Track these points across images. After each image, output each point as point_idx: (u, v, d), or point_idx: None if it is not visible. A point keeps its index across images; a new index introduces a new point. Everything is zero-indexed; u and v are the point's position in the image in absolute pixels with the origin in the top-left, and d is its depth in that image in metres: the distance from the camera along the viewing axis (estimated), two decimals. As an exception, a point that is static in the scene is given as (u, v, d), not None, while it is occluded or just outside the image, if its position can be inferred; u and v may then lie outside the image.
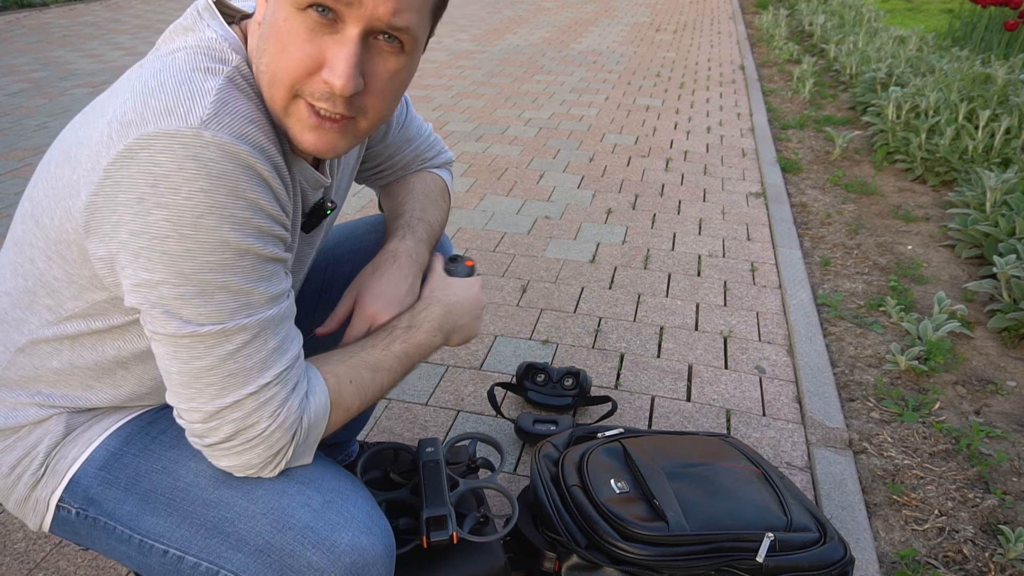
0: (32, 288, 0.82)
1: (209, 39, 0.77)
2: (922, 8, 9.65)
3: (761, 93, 5.31)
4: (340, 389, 0.85)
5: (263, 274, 0.75)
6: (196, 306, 0.71)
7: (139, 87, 0.72)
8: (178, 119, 0.69)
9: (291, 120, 0.76)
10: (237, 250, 0.71)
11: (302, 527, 0.80)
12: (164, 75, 0.72)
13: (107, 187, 0.70)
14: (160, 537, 0.83)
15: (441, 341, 1.00)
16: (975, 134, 3.51)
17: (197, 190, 0.68)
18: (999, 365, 2.13)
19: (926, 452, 1.75)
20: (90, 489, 0.86)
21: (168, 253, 0.69)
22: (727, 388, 1.94)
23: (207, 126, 0.69)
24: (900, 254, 2.82)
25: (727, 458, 1.31)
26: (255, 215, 0.72)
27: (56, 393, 0.87)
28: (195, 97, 0.70)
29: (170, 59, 0.75)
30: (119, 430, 0.89)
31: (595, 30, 8.13)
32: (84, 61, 5.68)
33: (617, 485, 1.20)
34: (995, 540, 1.51)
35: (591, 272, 2.54)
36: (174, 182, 0.68)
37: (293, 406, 0.78)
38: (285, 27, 0.72)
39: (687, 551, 1.11)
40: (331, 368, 0.86)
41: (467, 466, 1.21)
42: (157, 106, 0.69)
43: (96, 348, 0.83)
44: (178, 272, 0.70)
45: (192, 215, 0.68)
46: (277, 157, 0.76)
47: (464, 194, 3.23)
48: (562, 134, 4.19)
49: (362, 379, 0.88)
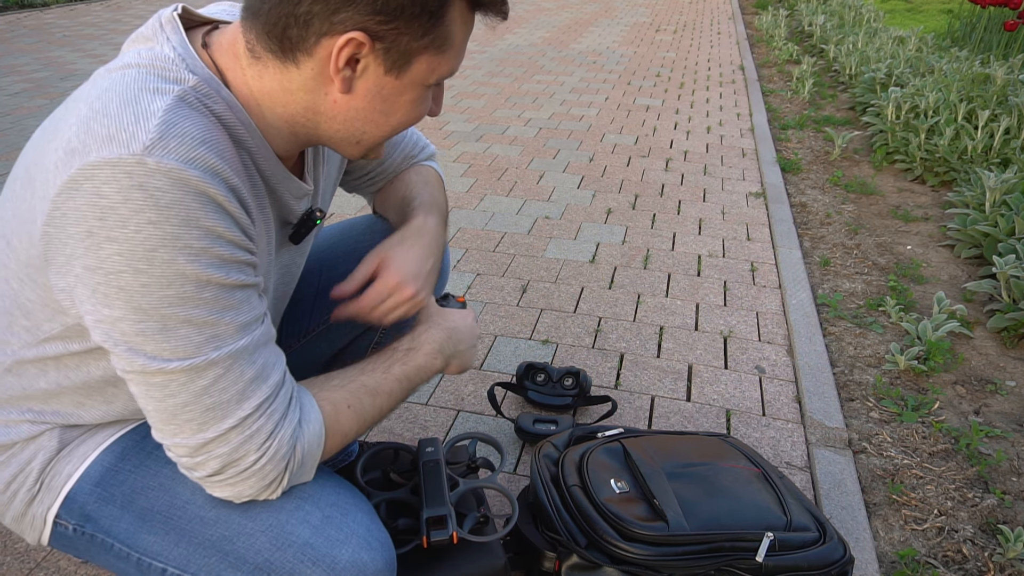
0: (9, 309, 0.79)
1: (164, 57, 0.73)
2: (922, 8, 9.65)
3: (761, 93, 5.31)
4: (337, 415, 0.84)
5: (229, 303, 0.71)
6: (159, 342, 0.68)
7: (84, 111, 0.69)
8: (119, 146, 0.65)
9: (379, 148, 0.87)
10: (197, 282, 0.68)
11: (301, 544, 0.80)
12: (108, 97, 0.69)
13: (56, 219, 0.67)
14: (159, 556, 0.82)
15: (441, 365, 0.99)
16: (974, 134, 3.51)
17: (146, 222, 0.65)
18: (998, 365, 2.13)
19: (926, 452, 1.75)
20: (86, 506, 0.85)
21: (124, 289, 0.66)
22: (727, 388, 1.94)
23: (151, 152, 0.65)
24: (900, 254, 2.82)
25: (727, 458, 1.31)
26: (213, 244, 0.69)
27: (48, 410, 0.85)
28: (139, 120, 0.67)
29: (119, 77, 0.71)
30: (114, 444, 0.88)
31: (595, 30, 8.13)
32: (85, 61, 5.68)
33: (617, 485, 1.20)
34: (994, 540, 1.51)
35: (591, 272, 2.55)
36: (121, 215, 0.65)
37: (284, 437, 0.76)
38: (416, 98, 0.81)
39: (687, 551, 1.11)
40: (328, 394, 0.84)
41: (467, 466, 1.21)
42: (99, 132, 0.66)
43: (81, 368, 0.81)
44: (136, 308, 0.67)
45: (144, 249, 0.65)
46: (234, 179, 0.72)
47: (464, 194, 3.23)
48: (562, 134, 4.19)
49: (361, 404, 0.87)
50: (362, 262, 1.00)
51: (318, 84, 0.76)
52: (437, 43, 0.77)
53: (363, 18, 0.71)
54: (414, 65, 0.77)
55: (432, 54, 0.77)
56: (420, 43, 0.75)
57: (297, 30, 0.72)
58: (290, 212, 0.90)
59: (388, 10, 0.71)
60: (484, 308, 2.28)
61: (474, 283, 2.44)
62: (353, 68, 0.75)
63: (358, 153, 0.86)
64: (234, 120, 0.76)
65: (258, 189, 0.82)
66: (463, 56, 0.83)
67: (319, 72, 0.75)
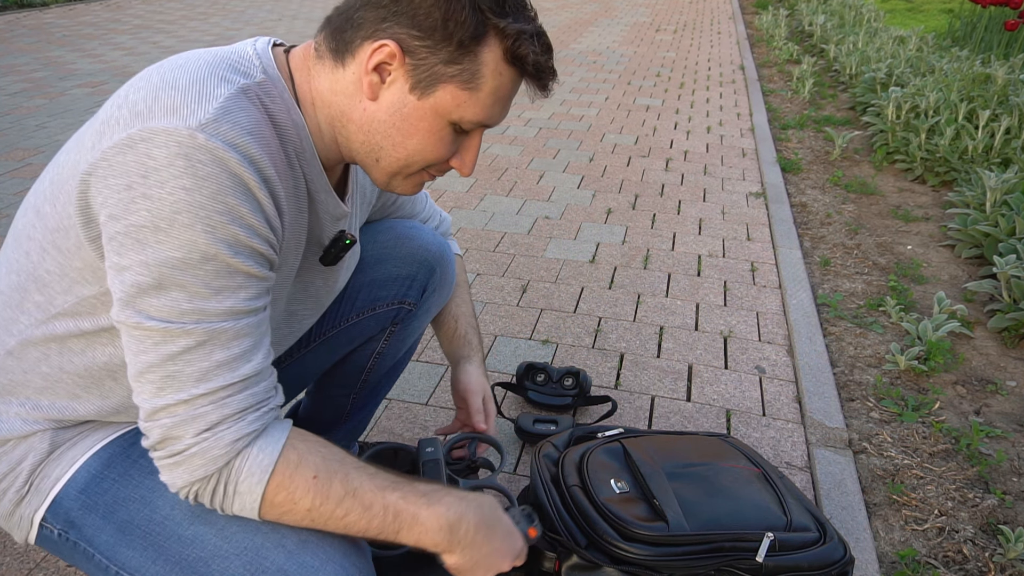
0: (24, 284, 0.82)
1: (242, 53, 0.81)
2: (922, 8, 9.65)
3: (761, 93, 5.31)
4: (295, 471, 0.76)
5: (226, 284, 0.73)
6: (150, 297, 0.72)
7: (156, 80, 0.75)
8: (179, 118, 0.71)
9: (405, 181, 0.89)
10: (204, 253, 0.71)
11: (275, 570, 0.79)
12: (180, 73, 0.76)
13: (102, 167, 0.72)
14: (136, 572, 0.82)
15: (438, 542, 0.83)
16: (975, 134, 3.51)
17: (180, 187, 0.70)
18: (999, 365, 2.13)
19: (926, 452, 1.75)
20: (71, 512, 0.85)
21: (140, 241, 0.71)
22: (727, 388, 1.94)
23: (203, 129, 0.71)
24: (900, 254, 2.82)
25: (727, 458, 1.31)
26: (232, 222, 0.72)
27: (43, 402, 0.86)
28: (202, 100, 0.73)
29: (194, 57, 0.79)
30: (101, 450, 0.88)
31: (595, 30, 8.13)
32: (84, 61, 5.68)
33: (617, 485, 1.20)
34: (995, 540, 1.51)
35: (591, 272, 2.54)
36: (162, 176, 0.70)
37: (225, 438, 0.74)
38: (434, 128, 0.83)
39: (687, 551, 1.11)
40: (302, 448, 0.78)
41: (467, 466, 1.21)
42: (166, 102, 0.73)
43: (86, 353, 0.83)
44: (143, 262, 0.71)
45: (171, 210, 0.70)
46: (270, 170, 0.76)
47: (464, 194, 3.23)
48: (562, 134, 4.19)
49: (329, 487, 0.77)
50: (458, 404, 1.30)
51: (356, 90, 0.82)
52: (465, 76, 0.80)
53: (402, 30, 0.78)
54: (438, 91, 0.81)
55: (458, 87, 0.81)
56: (448, 70, 0.80)
57: (351, 32, 0.81)
58: (323, 231, 0.94)
59: (424, 27, 0.78)
60: (484, 308, 2.28)
61: (474, 283, 2.43)
62: (382, 77, 0.80)
63: (381, 176, 0.89)
64: (288, 121, 0.82)
65: (300, 190, 0.86)
66: (499, 111, 0.85)
67: (359, 78, 0.81)
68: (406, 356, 1.39)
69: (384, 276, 1.22)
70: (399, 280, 1.23)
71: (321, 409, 1.40)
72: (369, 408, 1.41)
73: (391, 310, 1.25)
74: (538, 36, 0.82)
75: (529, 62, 0.82)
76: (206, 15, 8.24)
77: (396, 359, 1.35)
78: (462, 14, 0.78)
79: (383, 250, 1.22)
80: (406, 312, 1.26)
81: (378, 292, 1.23)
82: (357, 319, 1.24)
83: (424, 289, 1.25)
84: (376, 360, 1.31)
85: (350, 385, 1.34)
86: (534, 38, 0.81)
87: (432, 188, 3.27)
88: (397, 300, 1.25)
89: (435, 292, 1.27)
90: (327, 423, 1.40)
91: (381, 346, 1.29)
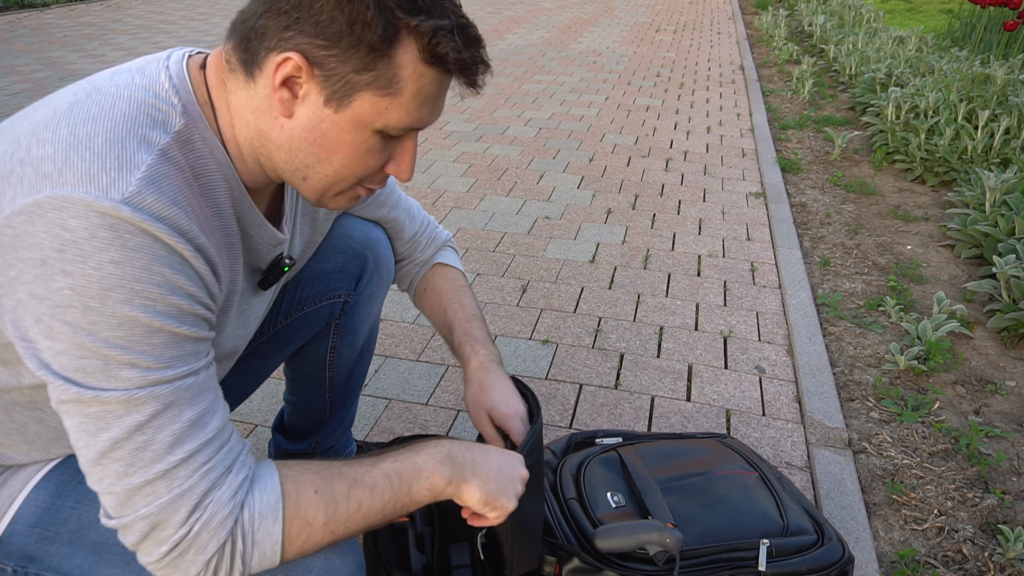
0: None
1: (158, 88, 0.74)
2: (921, 8, 9.66)
3: (761, 93, 5.31)
4: (298, 495, 0.74)
5: (177, 353, 0.69)
6: (99, 380, 0.66)
7: (65, 135, 0.67)
8: (98, 189, 0.65)
9: (337, 198, 0.83)
10: (148, 328, 0.66)
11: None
12: (96, 128, 0.68)
13: (7, 237, 0.65)
14: None
15: (448, 473, 0.84)
16: (974, 134, 3.51)
17: (108, 261, 0.64)
18: (998, 365, 2.13)
19: (925, 452, 1.75)
20: (26, 547, 0.82)
21: (70, 324, 0.64)
22: (727, 388, 1.94)
23: (127, 203, 0.65)
24: (900, 254, 2.82)
25: (723, 463, 1.31)
26: (171, 293, 0.68)
27: None
28: (122, 169, 0.66)
29: (109, 103, 0.71)
30: (43, 482, 0.84)
31: (595, 30, 8.13)
32: (85, 61, 5.68)
33: (614, 499, 1.20)
34: (994, 540, 1.51)
35: (591, 272, 2.55)
36: (83, 250, 0.63)
37: (221, 499, 0.70)
38: (358, 140, 0.77)
39: (685, 565, 1.11)
40: (294, 474, 0.76)
41: None
42: (80, 167, 0.65)
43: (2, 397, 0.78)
44: (80, 345, 0.65)
45: (100, 287, 0.64)
46: (202, 238, 0.71)
47: (464, 194, 3.23)
48: (562, 134, 4.19)
49: (332, 490, 0.76)
50: (480, 427, 1.06)
51: (269, 106, 0.75)
52: (382, 83, 0.73)
53: (306, 40, 0.71)
54: (356, 101, 0.74)
55: (376, 94, 0.74)
56: (362, 78, 0.72)
57: (256, 42, 0.73)
58: (260, 258, 0.90)
59: (328, 34, 0.70)
60: (484, 308, 2.28)
61: (474, 283, 2.44)
62: (293, 91, 0.74)
63: (311, 195, 0.82)
64: (212, 165, 0.76)
65: (231, 236, 0.81)
66: (428, 112, 0.78)
67: (270, 94, 0.74)
68: (368, 344, 1.35)
69: (310, 275, 1.18)
70: (327, 275, 1.19)
71: (303, 413, 1.39)
72: (350, 401, 1.40)
73: (323, 306, 1.22)
74: (459, 30, 0.75)
75: (450, 60, 0.74)
76: (206, 15, 8.24)
77: (357, 350, 1.32)
78: (367, 15, 0.70)
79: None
80: (342, 304, 1.23)
81: (304, 292, 1.19)
82: (286, 322, 1.21)
83: (359, 278, 1.21)
84: (333, 356, 1.29)
85: (319, 386, 1.33)
86: (454, 33, 0.74)
87: (432, 188, 3.27)
88: (328, 295, 1.21)
89: (372, 278, 1.23)
90: (313, 425, 1.40)
91: (332, 342, 1.27)
